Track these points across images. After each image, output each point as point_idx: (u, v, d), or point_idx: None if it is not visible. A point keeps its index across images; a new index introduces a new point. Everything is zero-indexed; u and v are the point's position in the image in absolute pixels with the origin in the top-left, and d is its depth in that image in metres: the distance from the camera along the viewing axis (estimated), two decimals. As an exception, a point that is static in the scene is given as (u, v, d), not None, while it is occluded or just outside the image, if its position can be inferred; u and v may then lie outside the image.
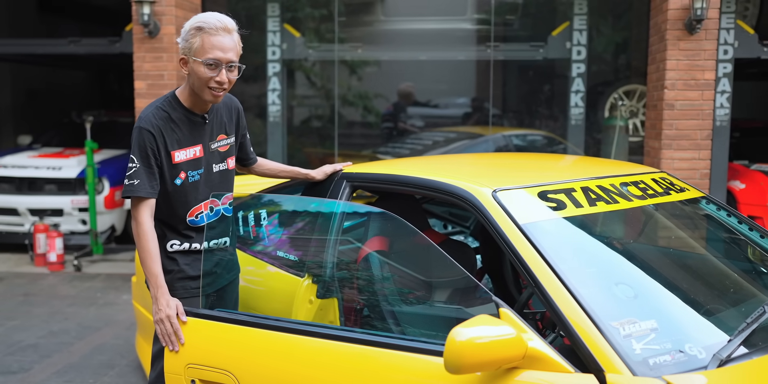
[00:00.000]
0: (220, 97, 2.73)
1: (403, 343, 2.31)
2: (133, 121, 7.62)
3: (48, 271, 7.39)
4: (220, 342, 2.63)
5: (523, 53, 8.15)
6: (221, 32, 2.64)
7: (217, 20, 2.65)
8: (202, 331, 2.65)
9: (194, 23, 2.65)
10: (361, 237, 3.36)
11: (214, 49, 2.63)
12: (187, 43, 2.66)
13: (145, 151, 2.67)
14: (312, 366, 2.42)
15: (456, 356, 1.93)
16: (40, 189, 7.99)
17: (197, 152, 2.79)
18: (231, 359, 2.57)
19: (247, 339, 2.57)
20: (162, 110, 2.73)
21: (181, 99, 2.77)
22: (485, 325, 1.99)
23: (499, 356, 1.97)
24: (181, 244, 2.84)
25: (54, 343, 5.15)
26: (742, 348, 2.10)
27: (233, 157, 2.96)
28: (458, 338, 1.94)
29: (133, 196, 2.70)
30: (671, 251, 2.99)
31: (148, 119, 2.69)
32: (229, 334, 2.61)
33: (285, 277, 3.11)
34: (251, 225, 3.57)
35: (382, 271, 3.04)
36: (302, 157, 8.83)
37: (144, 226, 2.68)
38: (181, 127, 2.75)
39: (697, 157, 6.31)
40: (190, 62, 2.68)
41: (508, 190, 2.58)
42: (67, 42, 7.63)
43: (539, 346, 2.04)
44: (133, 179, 2.68)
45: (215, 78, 2.65)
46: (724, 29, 6.41)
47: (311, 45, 8.27)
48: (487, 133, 8.47)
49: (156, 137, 2.68)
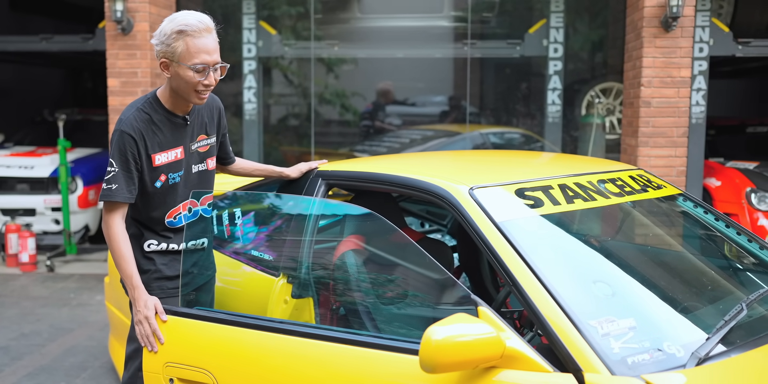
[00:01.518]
0: (206, 99, 2.68)
1: (381, 341, 2.27)
2: (107, 120, 7.54)
3: (20, 272, 7.27)
4: (198, 340, 2.59)
5: (500, 51, 8.14)
6: (204, 34, 2.56)
7: (198, 21, 2.56)
8: (180, 330, 2.61)
9: (175, 26, 2.55)
10: (336, 235, 3.32)
11: (200, 53, 2.56)
12: (169, 48, 2.57)
13: (125, 155, 2.61)
14: (290, 364, 2.39)
15: (432, 355, 1.90)
16: (11, 188, 7.86)
17: (178, 154, 2.73)
18: (209, 358, 2.54)
19: (225, 337, 2.54)
20: (143, 112, 2.66)
21: (162, 100, 2.70)
22: (462, 323, 1.96)
23: (476, 356, 1.94)
24: (158, 244, 2.80)
25: (25, 344, 5.06)
26: (720, 346, 2.09)
27: (213, 158, 2.91)
28: (434, 337, 1.91)
29: (110, 200, 2.64)
30: (649, 249, 2.98)
31: (129, 122, 2.62)
32: (206, 332, 2.57)
33: (260, 276, 3.07)
34: (225, 224, 3.53)
35: (357, 270, 3.01)
36: (278, 156, 8.77)
37: (115, 228, 2.64)
38: (162, 129, 2.68)
39: (673, 155, 6.34)
40: (173, 66, 2.59)
41: (485, 187, 2.55)
42: (39, 39, 7.51)
43: (517, 345, 2.02)
44: (111, 183, 2.62)
45: (203, 82, 2.60)
46: (700, 27, 6.44)
47: (287, 42, 8.21)
48: (465, 131, 8.46)
49: (137, 141, 2.62)
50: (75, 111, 9.46)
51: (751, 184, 6.58)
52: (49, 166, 7.87)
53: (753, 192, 6.53)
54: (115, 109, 6.74)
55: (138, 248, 2.78)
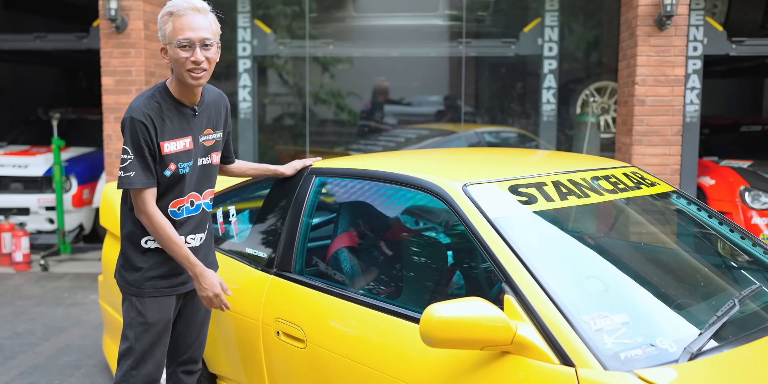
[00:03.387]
0: (201, 79, 2.65)
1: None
2: (101, 119, 7.51)
3: (14, 271, 7.25)
4: (297, 301, 2.84)
5: (495, 50, 8.15)
6: (189, 12, 2.60)
7: (186, 2, 2.61)
8: (288, 291, 2.89)
9: (165, 10, 2.64)
10: (330, 233, 3.32)
11: (184, 29, 2.59)
12: (161, 31, 2.64)
13: (138, 141, 2.61)
14: (359, 329, 2.59)
15: (431, 330, 2.01)
16: (5, 187, 7.84)
17: (187, 144, 2.73)
18: (302, 317, 2.77)
19: (315, 301, 2.78)
20: (153, 100, 2.67)
21: (171, 89, 2.72)
22: (465, 302, 2.05)
23: (477, 336, 2.01)
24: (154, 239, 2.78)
25: (19, 343, 5.05)
26: (712, 341, 2.09)
27: (218, 153, 2.91)
28: (436, 314, 2.01)
29: (130, 188, 2.65)
30: (642, 245, 2.99)
31: (139, 109, 2.63)
32: (303, 295, 2.83)
33: (254, 273, 3.07)
34: (220, 222, 3.53)
35: (351, 267, 3.01)
36: (274, 155, 8.76)
37: (155, 216, 2.66)
38: (171, 117, 2.69)
39: (667, 153, 6.35)
40: (168, 50, 2.64)
41: (479, 184, 2.55)
42: (33, 37, 7.49)
43: (528, 333, 2.06)
44: (128, 171, 2.62)
45: (190, 58, 2.60)
46: (694, 26, 6.46)
47: (282, 41, 8.21)
48: (460, 130, 8.46)
49: (148, 127, 2.62)
50: (69, 110, 9.43)
51: (745, 183, 6.60)
52: (43, 165, 7.85)
53: (747, 190, 6.54)
54: (110, 107, 6.73)
55: (135, 245, 2.77)
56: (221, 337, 3.18)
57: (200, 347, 3.01)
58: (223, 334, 3.16)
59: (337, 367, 2.60)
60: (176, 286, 2.82)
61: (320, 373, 2.68)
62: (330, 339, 2.64)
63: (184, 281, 2.84)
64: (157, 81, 6.85)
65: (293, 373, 2.81)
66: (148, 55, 6.70)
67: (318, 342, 2.67)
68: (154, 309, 2.76)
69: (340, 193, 3.21)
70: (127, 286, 2.79)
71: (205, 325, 3.01)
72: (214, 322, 3.18)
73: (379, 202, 3.04)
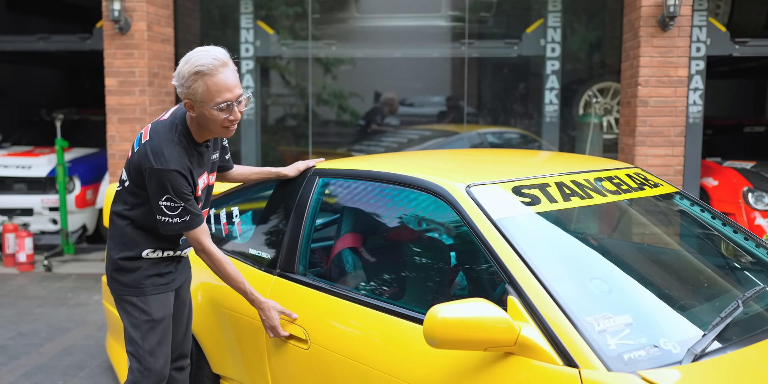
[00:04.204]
0: (234, 131, 2.70)
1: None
2: (104, 119, 7.52)
3: (17, 272, 7.26)
4: (300, 302, 2.84)
5: (498, 50, 8.15)
6: (221, 70, 2.53)
7: (213, 58, 2.53)
8: (291, 292, 2.90)
9: (191, 68, 2.52)
10: (334, 234, 3.32)
11: (221, 91, 2.53)
12: (190, 90, 2.54)
13: (182, 191, 2.61)
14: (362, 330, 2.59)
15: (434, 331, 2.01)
16: (9, 188, 7.85)
17: (205, 179, 2.80)
18: (305, 318, 2.79)
19: (317, 302, 2.80)
20: (181, 147, 2.65)
21: (192, 132, 2.70)
22: (470, 303, 2.05)
23: (481, 337, 2.01)
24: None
25: (23, 344, 5.06)
26: (716, 343, 2.09)
27: (215, 173, 2.96)
28: (440, 314, 2.00)
29: (192, 230, 2.69)
30: (645, 246, 2.99)
31: (178, 161, 2.60)
32: (306, 296, 2.84)
33: (256, 273, 3.07)
34: (223, 223, 3.53)
35: (354, 268, 3.01)
36: (276, 156, 8.76)
37: (215, 254, 2.74)
38: (197, 159, 2.72)
39: (670, 154, 6.35)
40: (197, 106, 2.58)
41: (482, 185, 2.56)
42: (36, 38, 7.50)
43: (531, 334, 2.06)
44: (184, 217, 2.65)
45: (229, 118, 2.59)
46: (697, 27, 6.46)
47: (285, 42, 8.21)
48: (462, 130, 8.46)
49: (188, 177, 2.64)
50: (72, 111, 9.44)
51: (748, 184, 6.60)
52: (46, 166, 7.86)
53: (750, 191, 6.54)
54: (113, 108, 6.74)
55: (135, 254, 2.80)
56: (225, 337, 3.19)
57: (188, 342, 3.08)
58: (227, 335, 3.17)
59: (340, 368, 2.60)
60: (171, 282, 2.88)
61: (323, 374, 2.68)
62: (333, 340, 2.65)
63: (175, 277, 2.91)
64: (160, 82, 6.86)
65: (296, 374, 2.81)
66: (151, 56, 6.71)
67: (321, 343, 2.68)
68: (158, 305, 2.81)
69: (344, 194, 3.21)
70: (125, 288, 2.81)
71: (191, 319, 3.10)
72: (218, 323, 3.20)
73: (382, 203, 3.05)
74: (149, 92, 6.67)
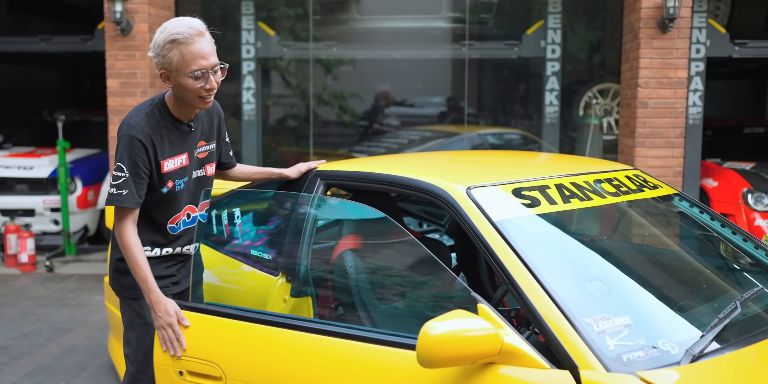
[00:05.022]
0: (211, 102, 2.67)
1: (381, 337, 2.31)
2: (106, 121, 7.54)
3: (19, 272, 7.28)
4: (207, 334, 2.63)
5: (498, 52, 8.17)
6: (196, 39, 2.53)
7: (188, 27, 2.53)
8: (190, 323, 2.65)
9: (166, 36, 2.53)
10: (335, 235, 3.33)
11: (196, 59, 2.53)
12: (165, 59, 2.54)
13: (135, 161, 2.59)
14: (293, 358, 2.44)
15: (429, 350, 1.93)
16: (11, 189, 7.87)
17: (183, 161, 2.73)
18: (217, 350, 2.58)
19: (232, 331, 2.59)
20: (152, 118, 2.64)
21: (169, 106, 2.69)
22: (460, 318, 1.99)
23: (473, 351, 1.97)
24: (152, 249, 2.80)
25: (25, 344, 5.08)
26: (714, 343, 2.11)
27: (213, 164, 2.92)
28: (432, 332, 1.93)
29: (119, 206, 2.63)
30: (644, 248, 3.00)
31: (139, 128, 2.60)
32: (214, 326, 2.62)
33: (259, 275, 3.09)
34: (225, 224, 3.54)
35: (356, 269, 3.03)
36: (277, 156, 8.78)
37: (128, 236, 2.63)
38: (170, 136, 2.68)
39: (670, 155, 6.36)
40: (173, 76, 2.57)
41: (483, 187, 2.57)
42: (38, 40, 7.53)
43: (515, 341, 2.04)
44: (121, 189, 2.60)
45: (205, 87, 2.58)
46: (696, 28, 6.47)
47: (286, 43, 8.23)
48: (463, 131, 8.48)
49: (147, 147, 2.60)
50: (74, 112, 9.47)
51: (748, 185, 6.61)
52: (48, 167, 7.88)
53: (750, 192, 6.56)
54: (115, 109, 6.76)
55: None
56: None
57: None
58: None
59: None
60: (169, 286, 2.84)
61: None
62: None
63: (176, 281, 2.87)
64: (161, 84, 6.88)
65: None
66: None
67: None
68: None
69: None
70: (123, 289, 2.81)
71: None
72: None
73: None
74: (151, 93, 6.69)
